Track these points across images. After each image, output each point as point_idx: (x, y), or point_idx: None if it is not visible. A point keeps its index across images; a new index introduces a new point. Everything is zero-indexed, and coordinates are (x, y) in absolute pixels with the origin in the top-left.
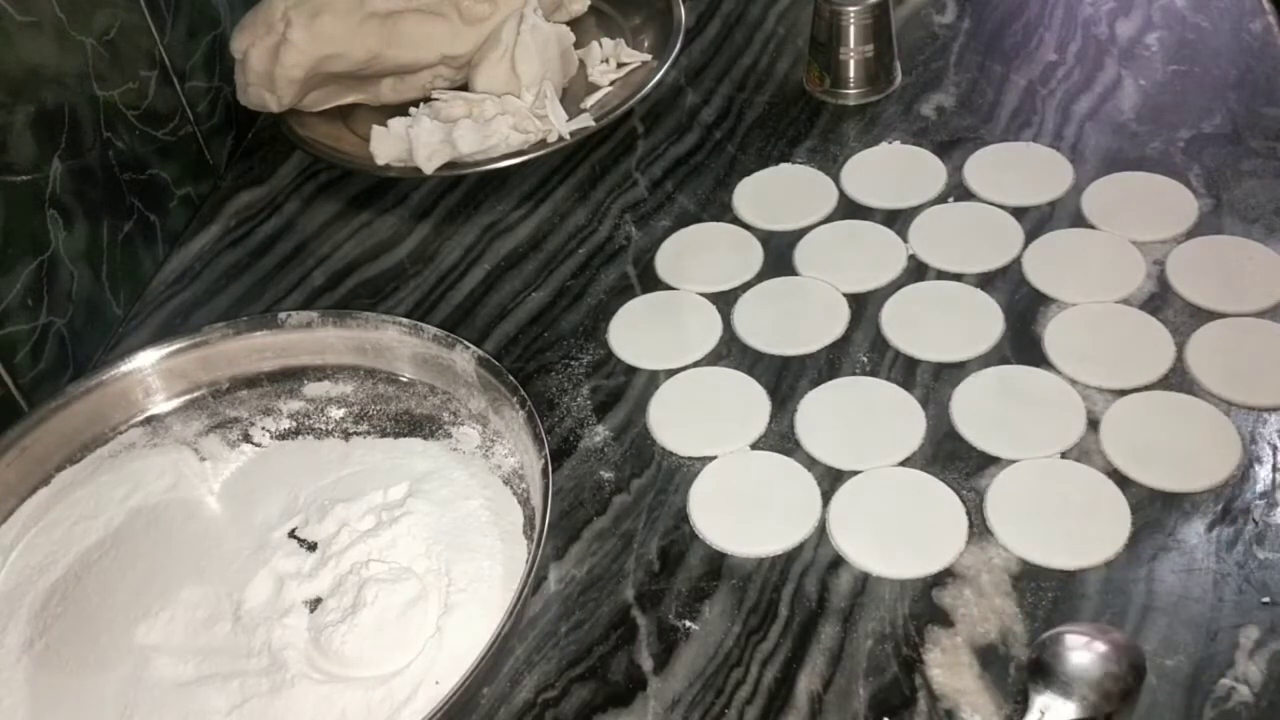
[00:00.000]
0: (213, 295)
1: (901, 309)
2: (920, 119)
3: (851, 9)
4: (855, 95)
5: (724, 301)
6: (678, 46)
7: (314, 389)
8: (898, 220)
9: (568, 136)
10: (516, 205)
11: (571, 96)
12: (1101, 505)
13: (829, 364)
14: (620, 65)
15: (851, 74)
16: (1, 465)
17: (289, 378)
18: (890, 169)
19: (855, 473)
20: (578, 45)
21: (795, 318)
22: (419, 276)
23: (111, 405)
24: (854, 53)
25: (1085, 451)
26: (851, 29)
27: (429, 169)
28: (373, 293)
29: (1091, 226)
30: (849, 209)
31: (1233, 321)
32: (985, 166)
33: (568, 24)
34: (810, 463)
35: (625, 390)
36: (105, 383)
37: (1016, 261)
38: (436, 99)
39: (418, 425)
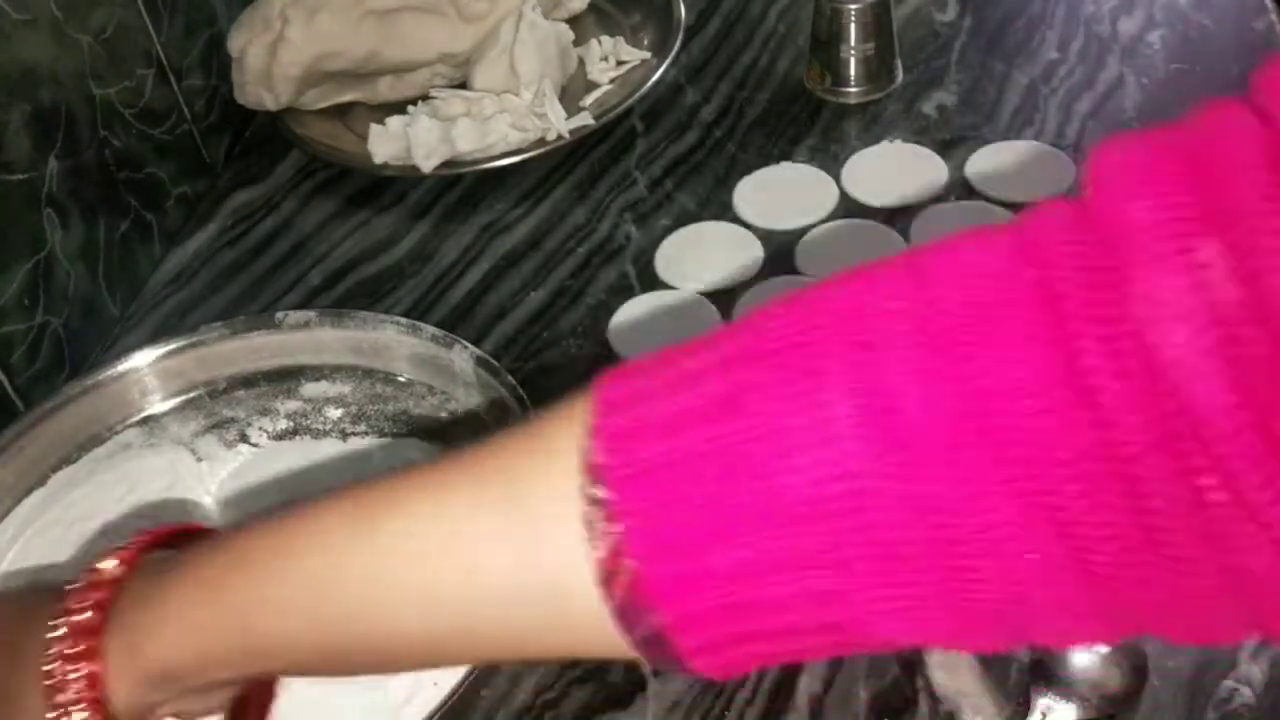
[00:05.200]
0: (210, 294)
1: None
2: (922, 117)
3: (853, 6)
4: (856, 93)
5: (724, 301)
6: (677, 44)
7: (311, 389)
8: (899, 219)
9: (567, 135)
10: (515, 204)
11: (570, 94)
12: None
13: None
14: (620, 63)
15: (852, 72)
16: None
17: (286, 377)
18: (892, 168)
19: None
20: (577, 43)
21: None
22: (417, 276)
23: (108, 405)
24: (855, 50)
25: None
26: (852, 26)
27: (427, 168)
28: (370, 292)
29: None
30: (850, 208)
31: None
32: (987, 165)
33: (567, 21)
34: None
35: None
36: (102, 383)
37: None
38: (435, 97)
39: (416, 425)
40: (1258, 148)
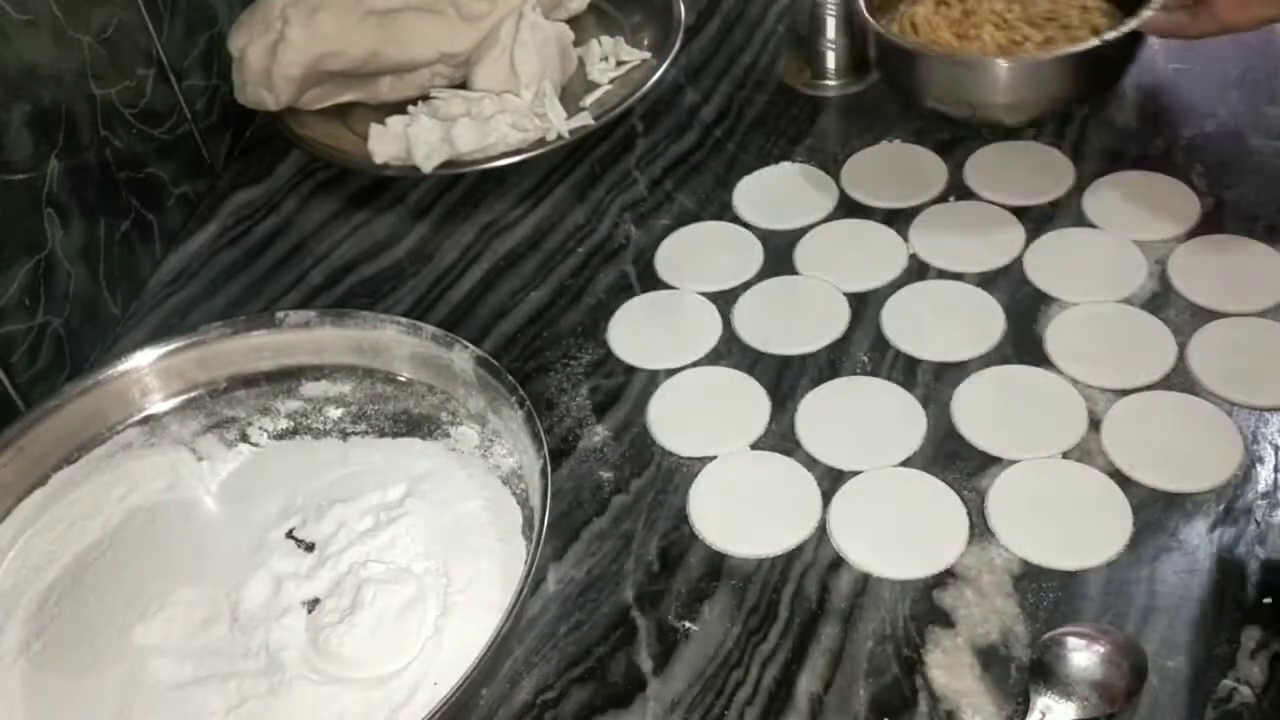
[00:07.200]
0: (210, 294)
1: (902, 308)
2: (921, 118)
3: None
4: (835, 86)
5: (724, 301)
6: (677, 44)
7: (312, 388)
8: (898, 219)
9: (566, 135)
10: (515, 204)
11: (570, 95)
12: (1103, 506)
13: (829, 364)
14: (620, 63)
15: (831, 65)
16: None
17: (287, 377)
18: (891, 168)
19: (856, 473)
20: (577, 43)
21: (795, 317)
22: (417, 276)
23: (109, 405)
24: (833, 43)
25: (1087, 452)
26: (830, 20)
27: (427, 168)
28: (371, 292)
29: (1093, 226)
30: (849, 208)
31: (1234, 321)
32: (986, 165)
33: (567, 22)
34: (810, 463)
35: (624, 390)
36: (102, 382)
37: (1017, 261)
38: (435, 97)
39: (416, 425)
40: None
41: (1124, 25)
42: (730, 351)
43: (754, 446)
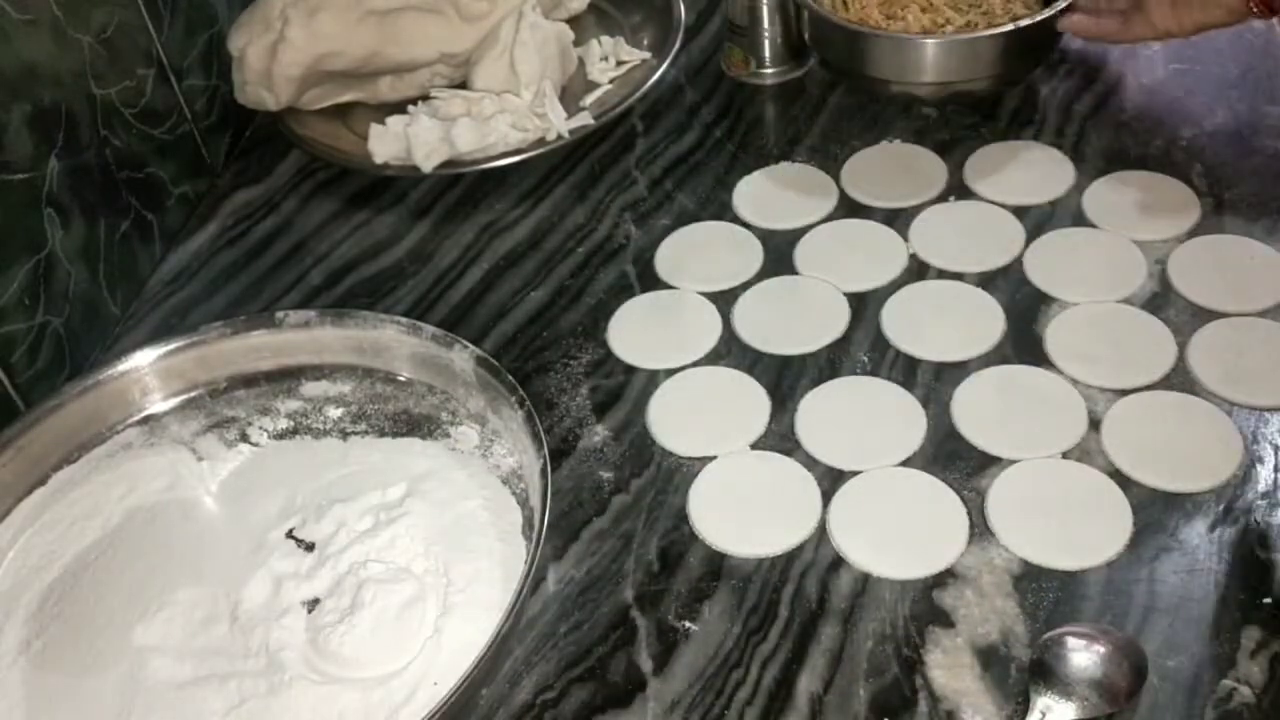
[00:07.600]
0: (210, 294)
1: (902, 308)
2: (921, 118)
3: None
4: (774, 74)
5: (724, 301)
6: (677, 44)
7: (312, 388)
8: (898, 219)
9: (566, 135)
10: (515, 204)
11: (570, 94)
12: (1103, 506)
13: (829, 364)
14: (620, 63)
15: (767, 53)
16: None
17: (287, 377)
18: (891, 168)
19: (856, 473)
20: (577, 43)
21: (795, 317)
22: (417, 276)
23: (108, 405)
24: (767, 32)
25: (1086, 452)
26: (765, 8)
27: (427, 167)
28: (371, 292)
29: (1093, 226)
30: (849, 208)
31: (1234, 321)
32: (986, 165)
33: (567, 21)
34: (810, 463)
35: (624, 390)
36: (102, 382)
37: (1018, 261)
38: (435, 97)
39: (416, 425)
40: None
41: (1041, 13)
42: (730, 351)
43: (754, 446)
